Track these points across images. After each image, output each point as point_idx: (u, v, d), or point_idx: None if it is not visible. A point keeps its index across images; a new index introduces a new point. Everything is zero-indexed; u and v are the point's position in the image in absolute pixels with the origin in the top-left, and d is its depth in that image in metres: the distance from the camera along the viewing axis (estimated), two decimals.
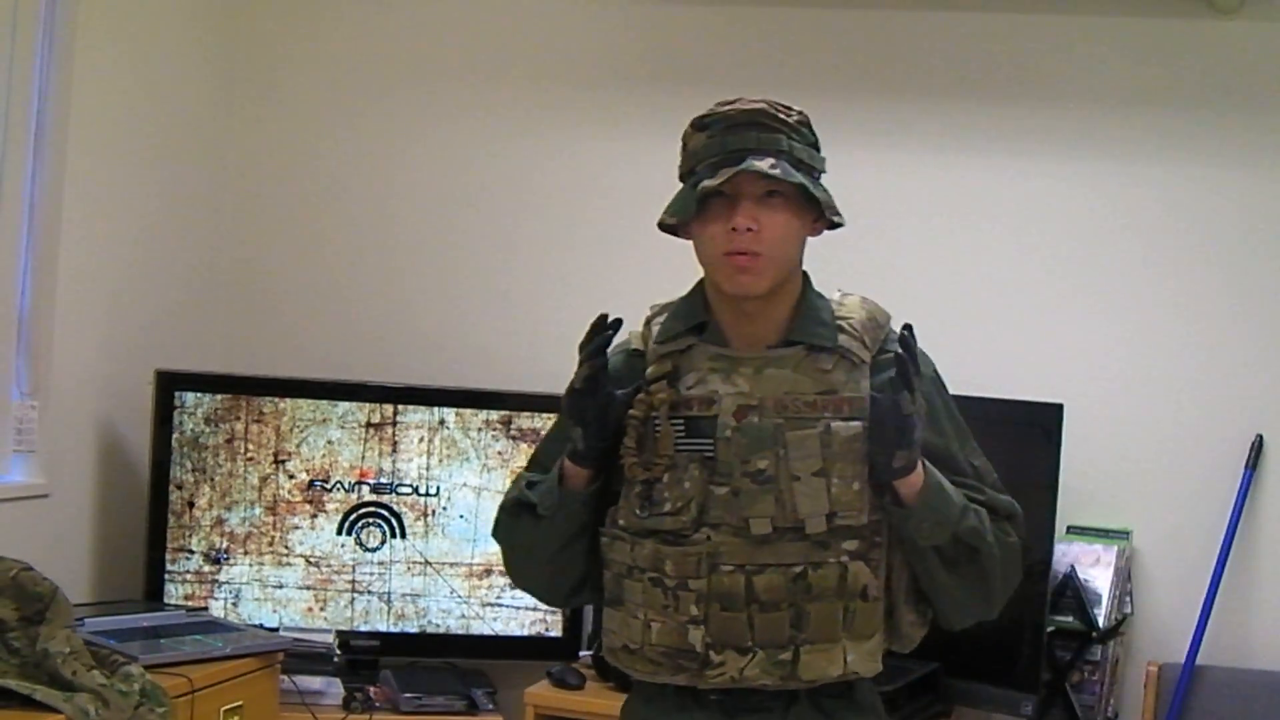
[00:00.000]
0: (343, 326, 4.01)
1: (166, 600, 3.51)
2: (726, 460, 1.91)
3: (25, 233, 3.29)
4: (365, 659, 3.58)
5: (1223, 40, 3.56)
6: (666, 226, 1.99)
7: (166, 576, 3.54)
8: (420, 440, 3.65)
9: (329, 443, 3.63)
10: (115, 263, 3.60)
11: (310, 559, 3.62)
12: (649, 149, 2.09)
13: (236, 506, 3.59)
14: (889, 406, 1.86)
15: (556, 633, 3.67)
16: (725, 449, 1.91)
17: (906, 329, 1.87)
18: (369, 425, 3.64)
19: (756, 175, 1.88)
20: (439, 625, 3.65)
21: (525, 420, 3.63)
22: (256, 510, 3.60)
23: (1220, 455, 3.48)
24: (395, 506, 3.65)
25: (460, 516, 3.65)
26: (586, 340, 1.92)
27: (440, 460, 3.66)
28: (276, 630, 3.48)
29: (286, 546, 3.61)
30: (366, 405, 3.63)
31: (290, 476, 3.62)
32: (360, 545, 3.64)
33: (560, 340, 1.97)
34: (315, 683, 3.41)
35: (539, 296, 3.90)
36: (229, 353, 3.95)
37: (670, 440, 1.93)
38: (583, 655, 3.59)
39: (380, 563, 3.64)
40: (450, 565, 3.65)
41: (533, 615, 3.65)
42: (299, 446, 3.62)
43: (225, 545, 3.58)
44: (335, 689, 3.43)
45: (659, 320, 2.04)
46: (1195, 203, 3.56)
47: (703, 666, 1.91)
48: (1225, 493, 3.45)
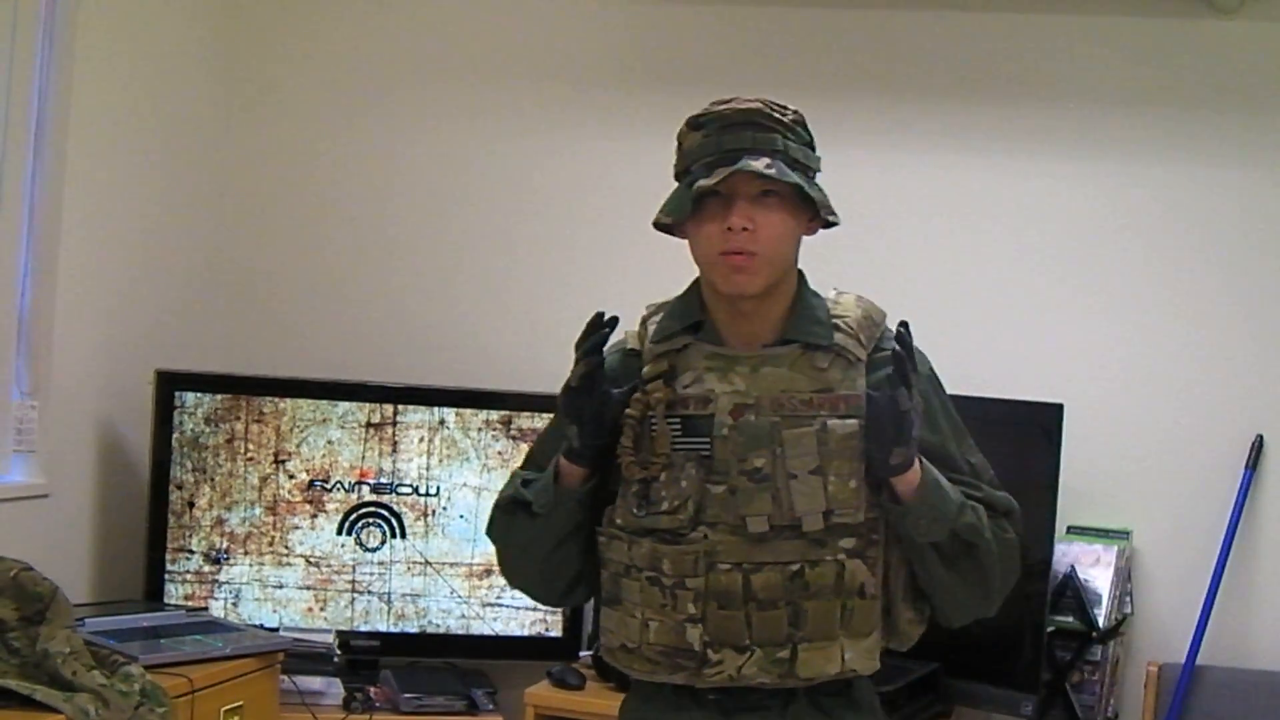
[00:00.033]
0: (343, 326, 4.01)
1: (166, 600, 3.51)
2: (723, 459, 1.91)
3: (25, 233, 3.29)
4: (365, 659, 3.59)
5: (1223, 40, 3.56)
6: (662, 226, 1.98)
7: (166, 576, 3.54)
8: (420, 440, 3.65)
9: (329, 443, 3.63)
10: (115, 263, 3.60)
11: (310, 559, 3.63)
12: (649, 148, 2.09)
13: (236, 506, 3.59)
14: (886, 403, 1.86)
15: (556, 633, 3.67)
16: (722, 447, 1.91)
17: (903, 326, 1.88)
18: (369, 425, 3.64)
19: (752, 175, 1.88)
20: (439, 625, 3.65)
21: (525, 420, 3.63)
22: (256, 510, 3.60)
23: (1220, 455, 3.48)
24: (395, 506, 3.65)
25: (460, 516, 3.65)
26: (582, 339, 1.92)
27: (440, 460, 3.66)
28: (276, 630, 3.48)
29: (286, 546, 3.61)
30: (366, 405, 3.63)
31: (290, 476, 3.62)
32: (360, 545, 3.65)
33: (560, 340, 1.97)
34: (315, 683, 3.41)
35: (539, 296, 3.90)
36: (229, 353, 3.95)
37: (667, 439, 1.93)
38: (583, 655, 3.59)
39: (380, 563, 3.64)
40: (450, 565, 3.65)
41: (533, 615, 3.65)
42: (299, 446, 3.62)
43: (225, 545, 3.58)
44: (335, 689, 3.43)
45: (655, 320, 2.04)
46: (1195, 203, 3.56)
47: (701, 665, 1.91)
48: (1225, 493, 3.45)
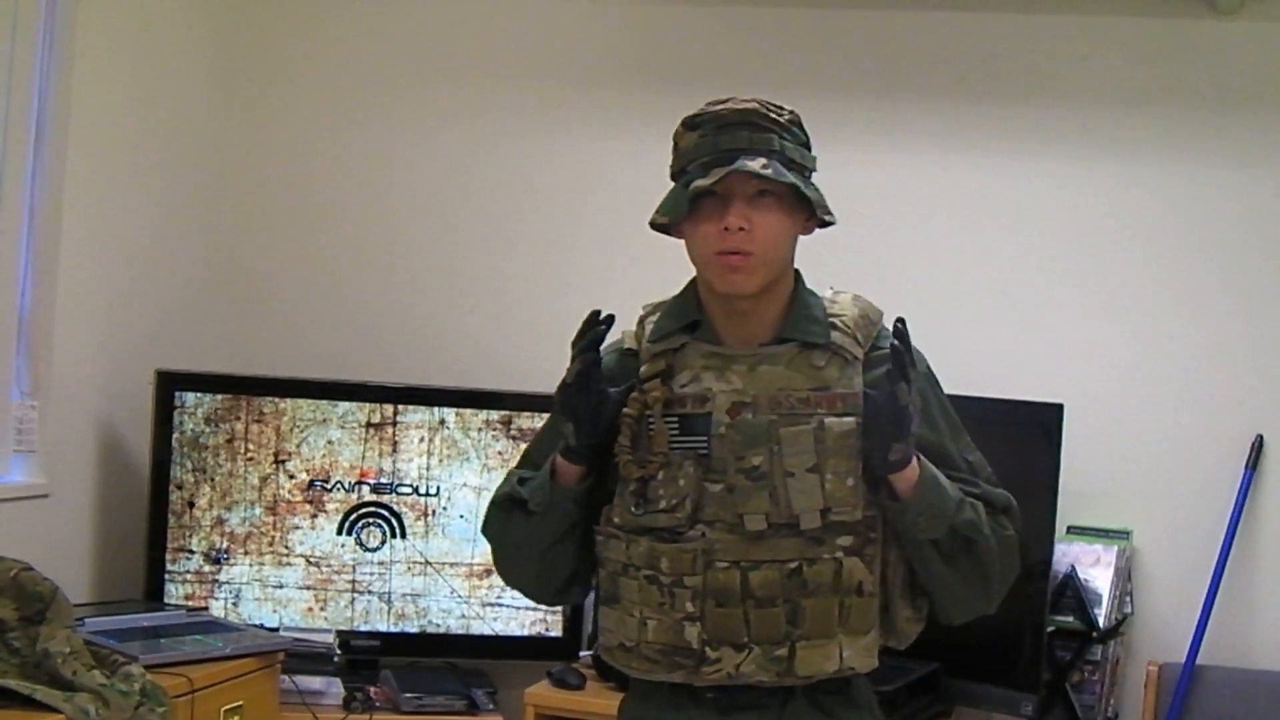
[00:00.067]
0: (343, 326, 4.01)
1: (166, 600, 3.51)
2: (721, 457, 1.91)
3: (25, 233, 3.29)
4: (365, 659, 3.59)
5: (1223, 40, 3.56)
6: (658, 226, 1.98)
7: (166, 576, 3.54)
8: (420, 440, 3.65)
9: (329, 443, 3.63)
10: (115, 263, 3.60)
11: (310, 559, 3.63)
12: (650, 148, 2.08)
13: (237, 506, 3.59)
14: (885, 398, 1.86)
15: (556, 633, 3.67)
16: (719, 446, 1.91)
17: (900, 322, 1.87)
18: (369, 425, 3.64)
19: (748, 175, 1.88)
20: (439, 625, 3.65)
21: (525, 420, 3.63)
22: (257, 510, 3.60)
23: (1220, 455, 3.48)
24: (395, 506, 3.65)
25: (460, 516, 3.65)
26: (579, 337, 1.92)
27: (440, 460, 3.66)
28: (277, 630, 3.48)
29: (287, 546, 3.61)
30: (366, 405, 3.63)
31: (290, 476, 3.62)
32: (360, 545, 3.64)
33: (560, 340, 1.97)
34: (315, 683, 3.41)
35: (539, 296, 3.90)
36: (229, 353, 3.95)
37: (664, 438, 1.93)
38: (583, 655, 3.59)
39: (380, 563, 3.64)
40: (450, 565, 3.65)
41: (533, 615, 3.65)
42: (299, 446, 3.62)
43: (225, 545, 3.58)
44: (335, 689, 3.44)
45: (652, 319, 2.04)
46: (1195, 203, 3.56)
47: (699, 663, 1.91)
48: (1225, 493, 3.45)
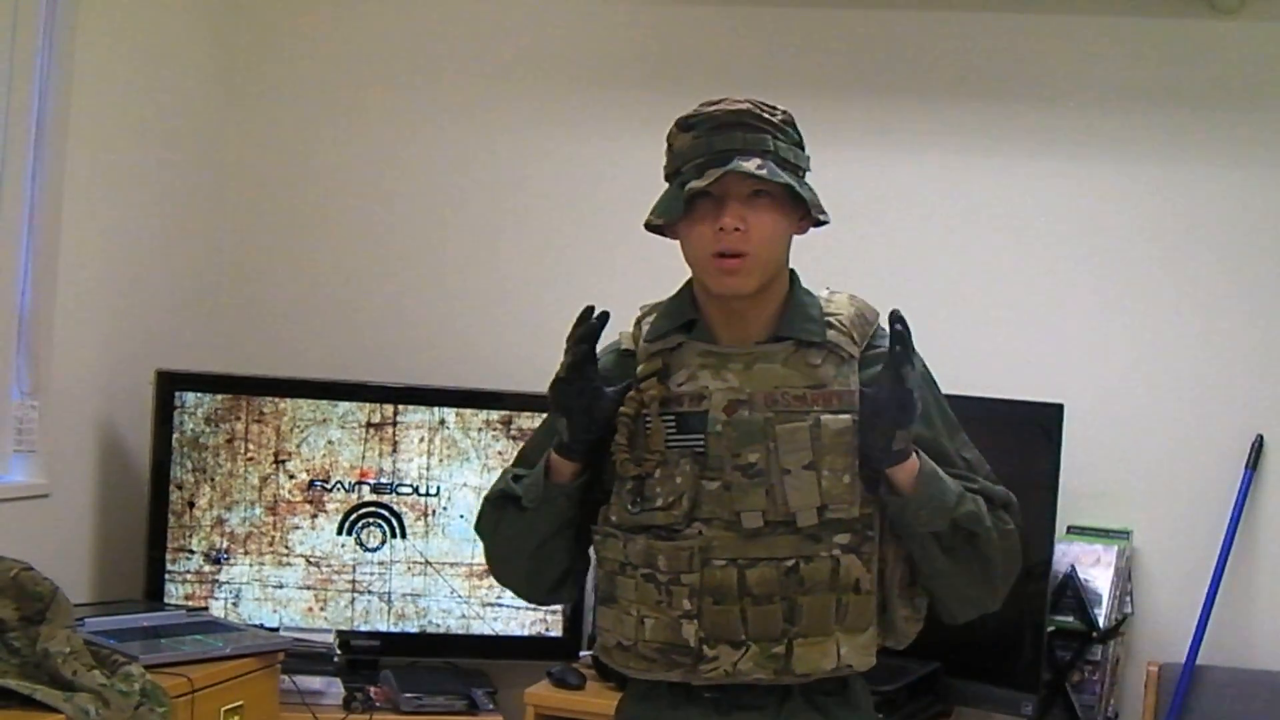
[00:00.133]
0: (343, 326, 4.01)
1: (166, 600, 3.51)
2: (717, 454, 1.91)
3: (25, 233, 3.29)
4: (365, 659, 3.59)
5: (1223, 40, 3.55)
6: (653, 227, 1.99)
7: (167, 576, 3.54)
8: (420, 440, 3.65)
9: (329, 443, 3.63)
10: (115, 263, 3.60)
11: (310, 559, 3.63)
12: (651, 147, 2.08)
13: (237, 506, 3.59)
14: (890, 382, 1.85)
15: (556, 633, 3.67)
16: (716, 443, 1.92)
17: (896, 311, 1.87)
18: (369, 425, 3.64)
19: (743, 176, 1.88)
20: (439, 625, 3.65)
21: (525, 420, 3.63)
22: (257, 510, 3.60)
23: (1220, 455, 3.47)
24: (395, 506, 3.65)
25: (460, 516, 3.64)
26: (572, 331, 1.93)
27: (440, 460, 3.66)
28: (277, 630, 3.48)
29: (287, 546, 3.61)
30: (366, 405, 3.63)
31: (290, 476, 3.62)
32: (360, 545, 3.65)
33: (560, 340, 1.97)
34: (315, 683, 3.41)
35: (539, 296, 3.89)
36: (229, 353, 3.95)
37: (661, 436, 1.93)
38: (583, 655, 3.58)
39: (380, 563, 3.64)
40: (450, 565, 3.65)
41: (533, 615, 3.65)
42: (299, 446, 3.62)
43: (225, 545, 3.59)
44: (335, 689, 3.44)
45: (649, 320, 2.05)
46: (1195, 203, 3.55)
47: (696, 661, 1.91)
48: (1225, 493, 3.45)
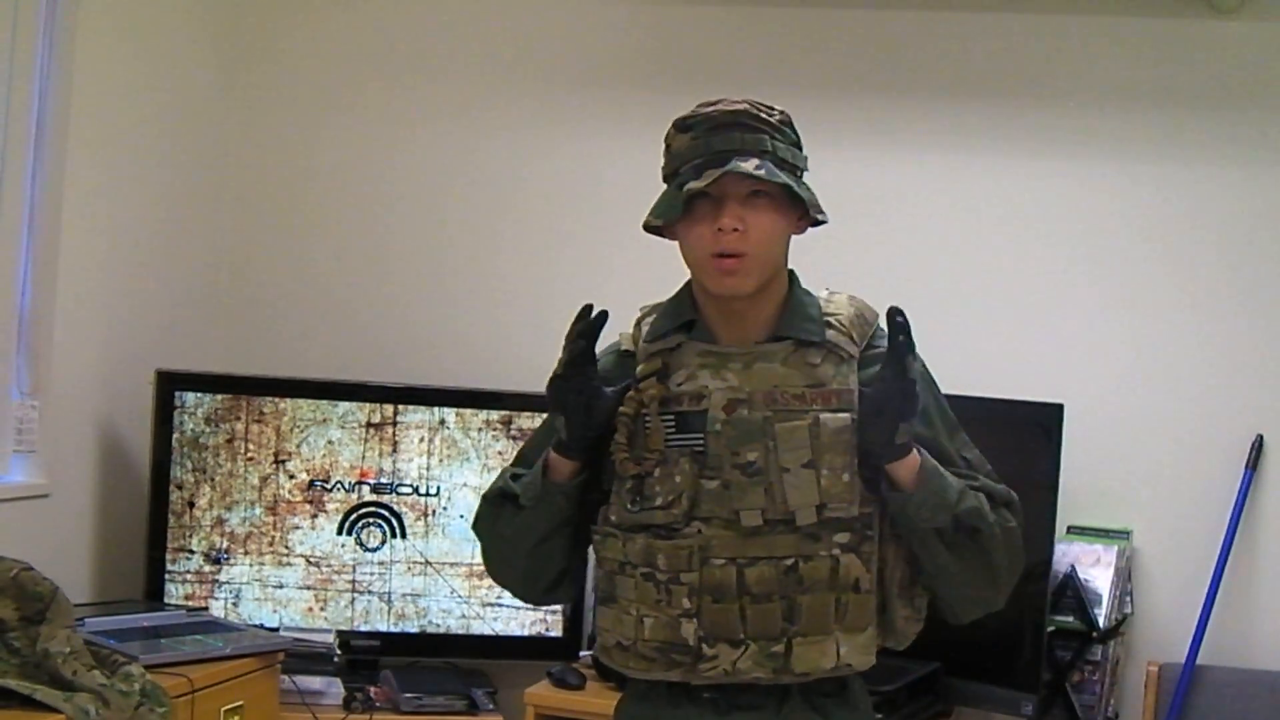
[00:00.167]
0: (343, 326, 4.01)
1: (167, 600, 3.51)
2: (716, 453, 1.91)
3: (25, 233, 3.29)
4: (365, 659, 3.59)
5: (1223, 40, 3.55)
6: (652, 228, 1.99)
7: (167, 576, 3.54)
8: (420, 440, 3.65)
9: (329, 443, 3.63)
10: (115, 263, 3.60)
11: (310, 559, 3.63)
12: (651, 148, 2.09)
13: (237, 506, 3.59)
14: (893, 373, 1.85)
15: (556, 633, 3.67)
16: (715, 442, 1.92)
17: (895, 307, 1.86)
18: (369, 425, 3.64)
19: (741, 176, 1.88)
20: (439, 625, 3.65)
21: (525, 420, 3.62)
22: (257, 510, 3.60)
23: (1220, 455, 3.47)
24: (395, 506, 3.65)
25: (460, 516, 3.64)
26: (571, 330, 1.94)
27: (440, 460, 3.66)
28: (277, 630, 3.48)
29: (287, 546, 3.61)
30: (366, 405, 3.63)
31: (290, 476, 3.62)
32: (360, 545, 3.65)
33: (560, 340, 1.97)
34: (315, 683, 3.41)
35: (540, 296, 3.89)
36: (229, 353, 3.95)
37: (660, 435, 1.93)
38: (583, 655, 3.58)
39: (380, 563, 3.64)
40: (450, 565, 3.65)
41: (533, 615, 3.65)
42: (299, 446, 3.62)
43: (225, 545, 3.59)
44: (335, 689, 3.44)
45: (648, 320, 2.05)
46: (1195, 202, 3.55)
47: (695, 660, 1.91)
48: (1225, 493, 3.45)
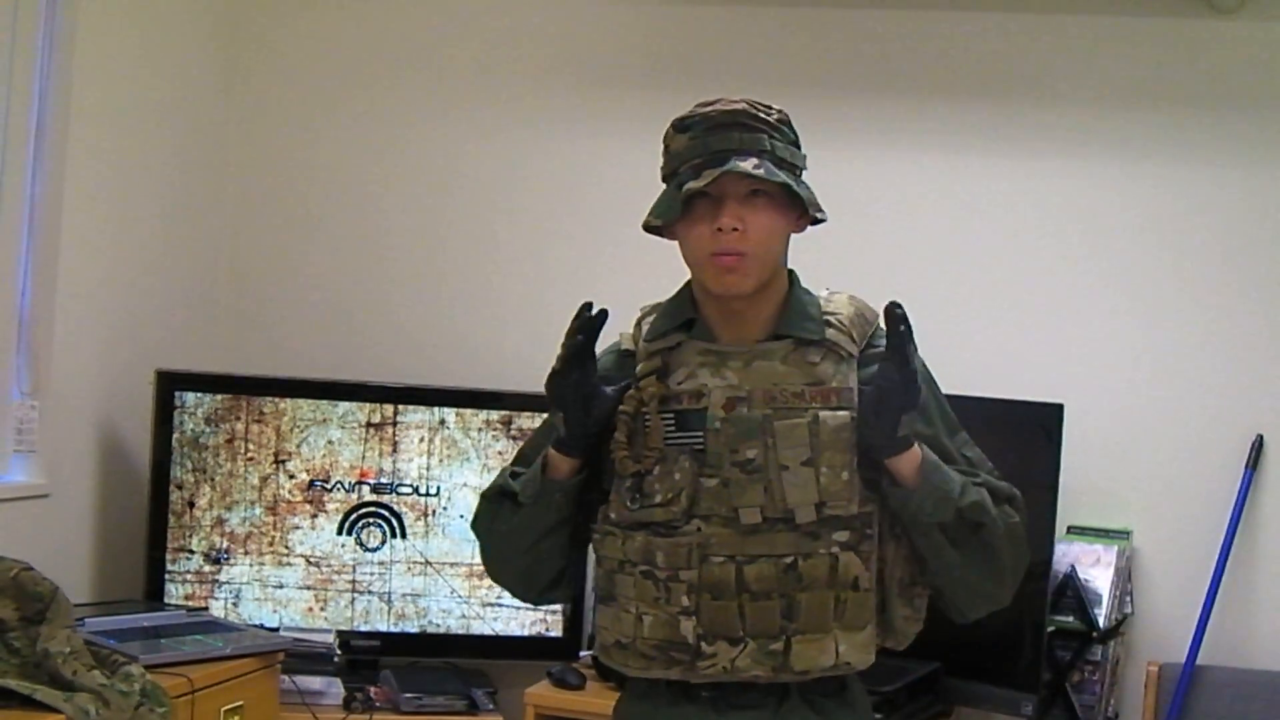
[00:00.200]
0: (343, 327, 4.01)
1: (167, 600, 3.51)
2: (716, 451, 1.92)
3: (25, 233, 3.30)
4: (365, 659, 3.59)
5: (1223, 40, 3.55)
6: (651, 228, 1.99)
7: (167, 576, 3.55)
8: (420, 440, 3.65)
9: (329, 443, 3.63)
10: (115, 263, 3.60)
11: (310, 559, 3.63)
12: (651, 147, 2.08)
13: (237, 506, 3.59)
14: (895, 363, 1.85)
15: (556, 633, 3.67)
16: (714, 440, 1.92)
17: (894, 302, 1.85)
18: (369, 425, 3.64)
19: (740, 175, 1.89)
20: (439, 625, 3.65)
21: (525, 420, 3.62)
22: (257, 510, 3.60)
23: (1220, 455, 3.47)
24: (395, 506, 3.65)
25: (460, 516, 3.64)
26: (570, 327, 1.94)
27: (440, 460, 3.66)
28: (277, 630, 3.48)
29: (287, 546, 3.62)
30: (366, 405, 3.63)
31: (290, 476, 3.62)
32: (360, 545, 3.65)
33: (561, 339, 1.97)
34: (315, 683, 3.41)
35: (539, 296, 3.89)
36: (229, 353, 3.95)
37: (660, 433, 1.93)
38: (583, 655, 3.58)
39: (380, 563, 3.64)
40: (450, 565, 3.65)
41: (533, 615, 3.65)
42: (299, 446, 3.62)
43: (225, 545, 3.59)
44: (335, 689, 3.44)
45: (649, 320, 2.06)
46: (1195, 202, 3.55)
47: (694, 658, 1.91)
48: (1225, 493, 3.44)
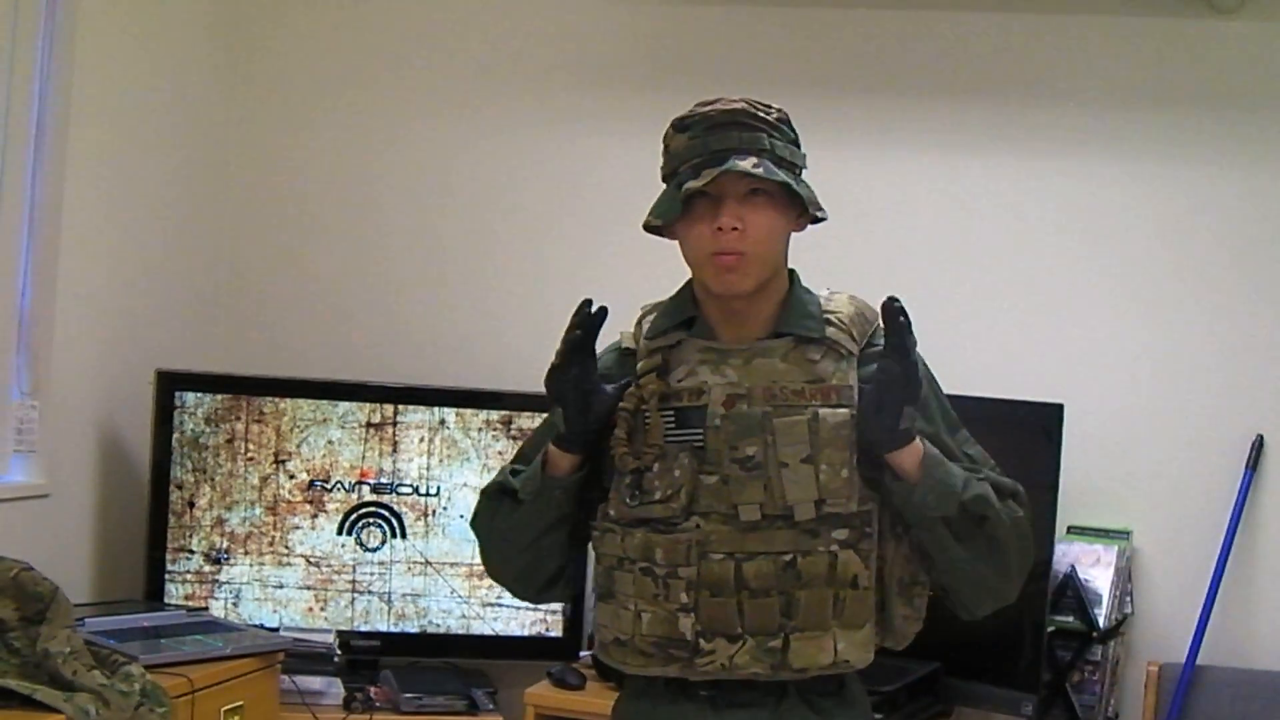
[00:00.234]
0: (343, 326, 4.01)
1: (167, 600, 3.51)
2: (715, 448, 1.92)
3: (25, 233, 3.29)
4: (365, 659, 3.59)
5: (1223, 40, 3.55)
6: (651, 228, 1.99)
7: (167, 576, 3.54)
8: (420, 440, 3.65)
9: (329, 443, 3.63)
10: (115, 263, 3.60)
11: (310, 559, 3.63)
12: (651, 147, 2.09)
13: (237, 506, 3.59)
14: (896, 358, 1.85)
15: (556, 633, 3.67)
16: (714, 437, 1.92)
17: (892, 297, 1.86)
18: (369, 425, 3.64)
19: (740, 175, 1.89)
20: (439, 625, 3.65)
21: (525, 420, 3.62)
22: (257, 510, 3.60)
23: (1220, 455, 3.47)
24: (395, 506, 3.65)
25: (460, 516, 3.64)
26: (570, 324, 1.95)
27: (440, 460, 3.66)
28: (277, 630, 3.48)
29: (287, 546, 3.62)
30: (366, 405, 3.63)
31: (290, 476, 3.62)
32: (360, 545, 3.65)
33: (560, 338, 1.97)
34: (315, 683, 3.41)
35: (539, 296, 3.89)
36: (229, 353, 3.95)
37: (660, 430, 1.94)
38: (583, 655, 3.58)
39: (380, 563, 3.64)
40: (450, 565, 3.65)
41: (533, 615, 3.65)
42: (299, 446, 3.62)
43: (225, 545, 3.59)
44: (335, 689, 3.43)
45: (649, 319, 2.06)
46: (1195, 202, 3.55)
47: (693, 655, 1.91)
48: (1225, 493, 3.44)
